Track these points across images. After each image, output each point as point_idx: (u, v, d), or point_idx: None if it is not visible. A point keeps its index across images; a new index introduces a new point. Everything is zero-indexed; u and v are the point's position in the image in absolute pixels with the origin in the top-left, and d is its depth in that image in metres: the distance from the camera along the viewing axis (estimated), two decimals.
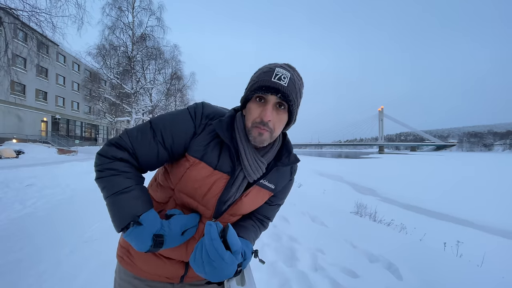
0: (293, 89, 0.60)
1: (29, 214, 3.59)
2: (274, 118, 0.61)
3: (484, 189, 12.18)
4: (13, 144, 15.46)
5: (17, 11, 5.69)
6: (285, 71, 0.60)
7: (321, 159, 43.65)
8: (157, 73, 17.78)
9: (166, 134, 0.63)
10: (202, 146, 0.64)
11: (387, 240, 3.24)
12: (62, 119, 25.59)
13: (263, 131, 0.60)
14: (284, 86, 0.58)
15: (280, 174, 0.73)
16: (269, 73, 0.59)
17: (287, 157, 0.70)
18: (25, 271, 2.02)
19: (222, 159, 0.65)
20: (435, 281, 2.11)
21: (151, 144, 0.62)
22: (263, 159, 0.67)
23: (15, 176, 6.13)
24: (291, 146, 0.73)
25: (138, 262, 0.71)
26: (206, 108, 0.68)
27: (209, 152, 0.64)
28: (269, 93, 0.58)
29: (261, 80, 0.59)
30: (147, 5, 15.44)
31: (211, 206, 0.66)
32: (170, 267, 0.71)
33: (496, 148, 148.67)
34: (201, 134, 0.65)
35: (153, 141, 0.62)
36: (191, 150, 0.64)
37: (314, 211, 4.17)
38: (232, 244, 0.53)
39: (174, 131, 0.63)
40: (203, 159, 0.63)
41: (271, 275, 2.00)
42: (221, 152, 0.65)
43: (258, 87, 0.59)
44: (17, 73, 7.31)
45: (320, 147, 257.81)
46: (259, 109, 0.61)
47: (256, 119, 0.61)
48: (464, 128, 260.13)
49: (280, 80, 0.58)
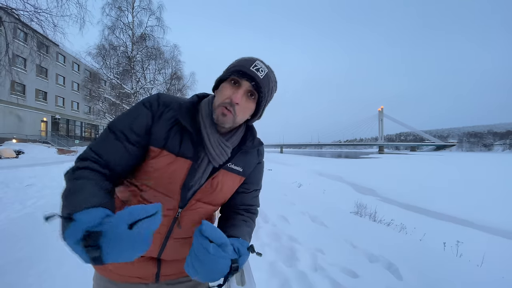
0: (267, 83, 0.64)
1: (29, 214, 3.59)
2: (242, 103, 0.63)
3: (484, 189, 12.18)
4: (13, 144, 15.45)
5: (18, 11, 5.69)
6: (264, 66, 0.64)
7: (321, 159, 43.65)
8: (157, 73, 17.77)
9: (127, 130, 0.62)
10: (163, 134, 0.63)
11: (387, 240, 3.24)
12: (62, 119, 25.59)
13: (227, 113, 0.62)
14: (260, 77, 0.62)
15: (247, 157, 0.74)
16: (249, 62, 0.62)
17: (251, 141, 0.73)
18: (25, 271, 2.02)
19: (184, 145, 0.64)
20: (435, 281, 2.12)
21: (116, 145, 0.60)
22: (227, 143, 0.68)
23: (15, 176, 6.13)
24: (255, 132, 0.76)
25: (110, 266, 0.68)
26: (162, 97, 0.67)
27: (170, 139, 0.63)
28: (244, 79, 0.61)
29: (240, 65, 0.62)
30: (146, 5, 15.41)
31: (176, 194, 0.64)
32: (140, 266, 0.69)
33: (496, 148, 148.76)
34: (159, 122, 0.64)
35: (117, 141, 0.61)
36: (152, 140, 0.63)
37: (314, 211, 4.17)
38: (213, 238, 0.52)
39: (133, 125, 0.62)
40: (165, 147, 0.63)
41: (271, 275, 2.00)
42: (183, 137, 0.64)
43: (236, 70, 0.61)
44: (18, 73, 7.30)
45: (320, 147, 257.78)
46: (231, 91, 0.62)
47: (226, 99, 0.62)
48: (464, 128, 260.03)
49: (258, 71, 0.62)
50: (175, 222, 0.67)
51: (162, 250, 0.68)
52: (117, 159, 0.61)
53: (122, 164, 0.62)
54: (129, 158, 0.62)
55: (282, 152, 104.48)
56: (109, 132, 0.62)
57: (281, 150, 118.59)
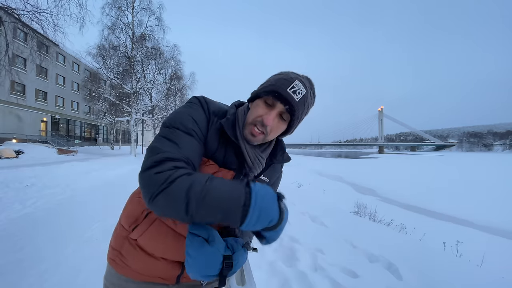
0: (302, 106, 0.62)
1: (29, 214, 3.59)
2: (273, 125, 0.63)
3: (484, 189, 12.18)
4: (13, 144, 15.45)
5: (18, 10, 5.69)
6: (302, 86, 0.61)
7: (321, 159, 43.65)
8: (157, 73, 17.79)
9: (195, 127, 0.61)
10: (214, 144, 0.65)
11: (387, 240, 3.25)
12: (62, 119, 25.58)
13: (256, 134, 0.63)
14: (296, 100, 0.60)
15: (274, 169, 0.78)
16: (288, 83, 0.60)
17: (282, 155, 0.76)
18: (26, 271, 2.02)
19: (228, 156, 0.66)
20: (435, 281, 2.12)
21: (191, 142, 0.59)
22: (263, 155, 0.70)
23: (15, 176, 6.12)
24: (284, 145, 0.78)
25: (131, 264, 0.68)
26: (210, 104, 0.68)
27: (218, 150, 0.65)
28: (279, 101, 0.60)
29: (277, 86, 0.60)
30: (146, 5, 15.41)
31: None
32: (165, 267, 0.69)
33: (496, 148, 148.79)
34: (211, 130, 0.65)
35: (190, 136, 0.59)
36: (205, 149, 0.64)
37: (314, 211, 4.17)
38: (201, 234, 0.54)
39: (196, 123, 0.62)
40: (212, 157, 0.65)
41: (271, 275, 2.00)
42: (226, 149, 0.66)
43: (272, 90, 0.60)
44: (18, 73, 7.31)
45: (320, 147, 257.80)
46: (264, 110, 0.62)
47: (258, 118, 0.62)
48: (464, 128, 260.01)
49: (295, 94, 0.60)
50: None
51: None
52: (196, 157, 0.60)
53: (198, 162, 0.61)
54: (199, 157, 0.62)
55: None
56: (176, 130, 0.59)
57: None
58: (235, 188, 0.49)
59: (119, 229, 0.73)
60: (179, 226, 0.67)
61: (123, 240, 0.70)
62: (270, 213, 0.48)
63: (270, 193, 0.51)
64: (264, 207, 0.48)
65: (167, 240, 0.66)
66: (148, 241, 0.66)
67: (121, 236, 0.71)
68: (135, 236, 0.67)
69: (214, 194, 0.47)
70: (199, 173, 0.54)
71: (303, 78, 0.64)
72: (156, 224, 0.67)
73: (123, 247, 0.69)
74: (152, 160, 0.53)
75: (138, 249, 0.68)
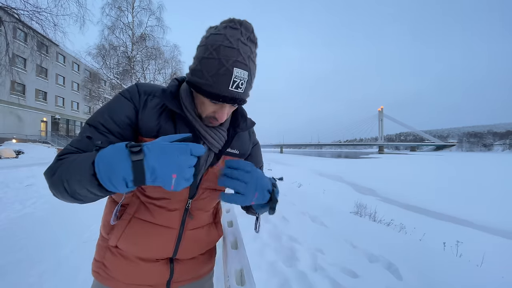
0: (248, 89, 0.56)
1: (29, 214, 3.59)
2: (228, 115, 0.61)
3: (484, 189, 12.18)
4: (13, 144, 15.45)
5: (18, 10, 5.69)
6: (243, 71, 0.52)
7: (321, 159, 43.65)
8: (157, 73, 17.77)
9: (108, 123, 0.56)
10: (153, 124, 0.59)
11: (387, 240, 3.25)
12: (62, 119, 25.58)
13: (214, 123, 0.60)
14: (241, 93, 0.54)
15: (240, 138, 0.72)
16: (227, 79, 0.51)
17: (244, 122, 0.70)
18: (26, 271, 2.02)
19: (179, 131, 0.61)
20: (435, 281, 2.12)
21: (98, 139, 0.55)
22: (221, 127, 0.65)
23: (15, 176, 6.13)
24: (244, 111, 0.72)
25: (115, 274, 0.65)
26: (140, 86, 0.63)
27: (162, 127, 0.59)
28: (225, 103, 0.54)
29: (217, 87, 0.51)
30: (146, 5, 15.42)
31: None
32: (152, 271, 0.65)
33: (495, 148, 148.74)
34: (144, 112, 0.59)
35: (99, 134, 0.55)
36: (142, 131, 0.59)
37: (314, 211, 4.17)
38: (239, 167, 0.57)
39: (114, 118, 0.57)
40: (157, 136, 0.58)
41: (271, 275, 2.00)
42: (176, 124, 0.61)
43: (214, 94, 0.52)
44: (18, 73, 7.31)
45: (320, 147, 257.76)
46: (214, 107, 0.57)
47: (210, 114, 0.59)
48: (463, 128, 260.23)
49: (238, 88, 0.52)
50: (186, 213, 0.66)
51: (178, 246, 0.67)
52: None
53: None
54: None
55: (282, 152, 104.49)
56: (89, 127, 0.56)
57: (281, 150, 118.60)
58: (87, 156, 0.45)
59: (100, 240, 0.70)
60: (157, 216, 0.63)
61: (104, 250, 0.67)
62: (115, 171, 0.40)
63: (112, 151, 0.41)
64: (107, 169, 0.40)
65: (149, 236, 0.63)
66: (128, 243, 0.63)
67: (102, 246, 0.68)
68: (114, 242, 0.64)
69: (71, 166, 0.46)
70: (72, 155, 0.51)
71: (240, 48, 0.52)
72: (132, 223, 0.63)
73: (105, 257, 0.67)
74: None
75: (120, 257, 0.65)
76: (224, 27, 0.54)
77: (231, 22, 0.54)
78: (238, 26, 0.54)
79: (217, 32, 0.53)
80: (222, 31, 0.53)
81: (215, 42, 0.52)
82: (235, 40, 0.52)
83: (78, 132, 0.59)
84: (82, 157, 0.46)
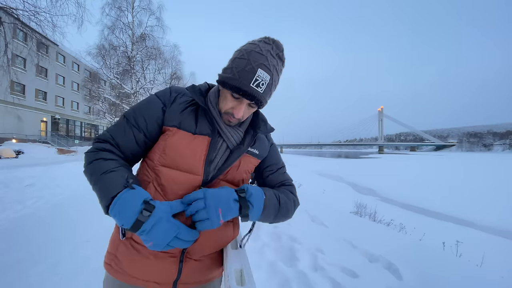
0: (267, 93, 0.63)
1: (29, 214, 3.59)
2: (245, 114, 0.67)
3: (484, 189, 12.18)
4: (13, 144, 15.45)
5: (17, 10, 5.68)
6: (266, 74, 0.60)
7: (321, 159, 43.65)
8: (157, 73, 17.76)
9: (138, 117, 0.67)
10: (177, 114, 0.67)
11: (387, 240, 3.24)
12: (62, 119, 25.57)
13: (232, 120, 0.67)
14: (260, 93, 0.61)
15: (261, 140, 0.79)
16: (250, 75, 0.59)
17: (265, 126, 0.77)
18: (26, 270, 2.02)
19: (200, 124, 0.68)
20: (434, 281, 2.12)
21: (126, 130, 0.66)
22: (239, 127, 0.73)
23: (15, 176, 6.12)
24: (264, 117, 0.80)
25: (126, 267, 0.67)
26: (173, 87, 0.73)
27: (185, 119, 0.67)
28: (244, 98, 0.61)
29: (240, 81, 0.59)
30: (146, 5, 15.40)
31: (199, 170, 0.66)
32: (160, 268, 0.66)
33: (495, 148, 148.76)
34: (172, 106, 0.68)
35: (127, 126, 0.67)
36: (166, 121, 0.67)
37: (314, 211, 4.17)
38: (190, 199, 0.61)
39: (144, 113, 0.67)
40: (181, 127, 0.67)
41: (271, 275, 2.00)
42: (197, 117, 0.69)
43: (236, 88, 0.60)
44: (17, 73, 7.29)
45: (320, 147, 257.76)
46: (233, 103, 0.64)
47: (229, 110, 0.65)
48: (463, 128, 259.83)
49: (258, 87, 0.60)
50: None
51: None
52: (127, 143, 0.67)
53: (128, 148, 0.67)
54: (135, 144, 0.68)
55: (282, 152, 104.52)
56: (123, 118, 0.68)
57: (281, 150, 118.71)
58: (115, 182, 0.56)
59: (115, 232, 0.72)
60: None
61: (118, 243, 0.69)
62: (123, 215, 0.52)
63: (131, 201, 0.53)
64: (119, 211, 0.52)
65: None
66: None
67: (116, 238, 0.70)
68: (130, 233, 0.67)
69: (99, 181, 0.58)
70: (108, 162, 0.61)
71: (268, 56, 0.61)
72: None
73: (118, 250, 0.68)
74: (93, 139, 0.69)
75: (133, 250, 0.66)
76: (259, 40, 0.64)
77: (266, 38, 0.64)
78: (271, 42, 0.63)
79: (253, 43, 0.64)
80: (257, 43, 0.63)
81: (249, 48, 0.62)
82: (265, 50, 0.61)
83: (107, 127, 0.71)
84: (109, 181, 0.56)
